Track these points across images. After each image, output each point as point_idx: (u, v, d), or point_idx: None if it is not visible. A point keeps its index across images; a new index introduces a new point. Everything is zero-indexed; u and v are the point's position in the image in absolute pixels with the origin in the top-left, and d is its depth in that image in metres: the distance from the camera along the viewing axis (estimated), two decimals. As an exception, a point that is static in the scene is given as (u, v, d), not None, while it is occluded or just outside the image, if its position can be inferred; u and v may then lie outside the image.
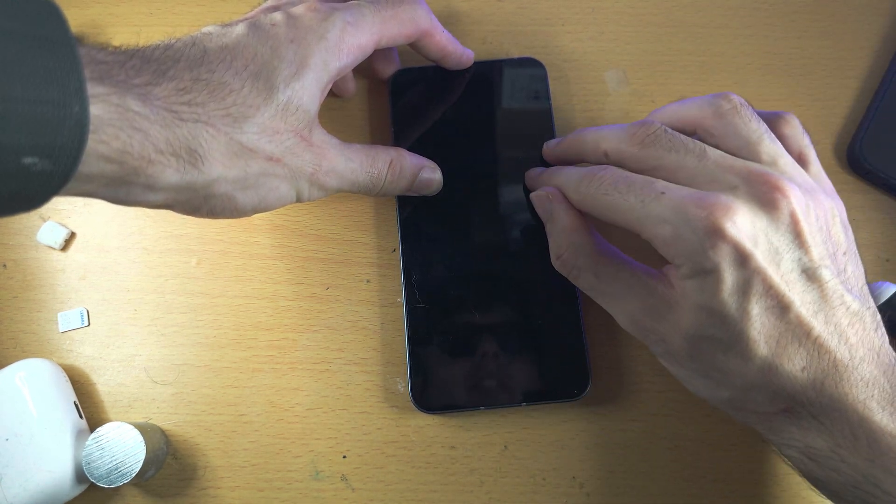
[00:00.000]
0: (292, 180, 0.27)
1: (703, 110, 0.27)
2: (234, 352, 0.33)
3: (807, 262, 0.24)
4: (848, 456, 0.23)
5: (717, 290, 0.24)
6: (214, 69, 0.24)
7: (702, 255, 0.24)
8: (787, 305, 0.23)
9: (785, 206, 0.24)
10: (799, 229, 0.24)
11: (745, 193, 0.24)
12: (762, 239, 0.24)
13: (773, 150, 0.26)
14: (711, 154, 0.26)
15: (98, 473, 0.29)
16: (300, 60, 0.26)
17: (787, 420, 0.25)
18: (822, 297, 0.24)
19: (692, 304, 0.25)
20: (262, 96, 0.25)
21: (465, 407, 0.31)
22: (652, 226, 0.25)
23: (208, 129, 0.23)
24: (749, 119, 0.26)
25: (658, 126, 0.27)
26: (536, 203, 0.31)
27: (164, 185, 0.23)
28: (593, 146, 0.29)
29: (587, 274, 0.28)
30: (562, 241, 0.29)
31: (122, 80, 0.21)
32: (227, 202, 0.26)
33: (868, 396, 0.23)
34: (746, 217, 0.24)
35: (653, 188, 0.25)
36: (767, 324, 0.23)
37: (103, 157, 0.20)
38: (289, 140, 0.26)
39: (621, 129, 0.28)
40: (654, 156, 0.26)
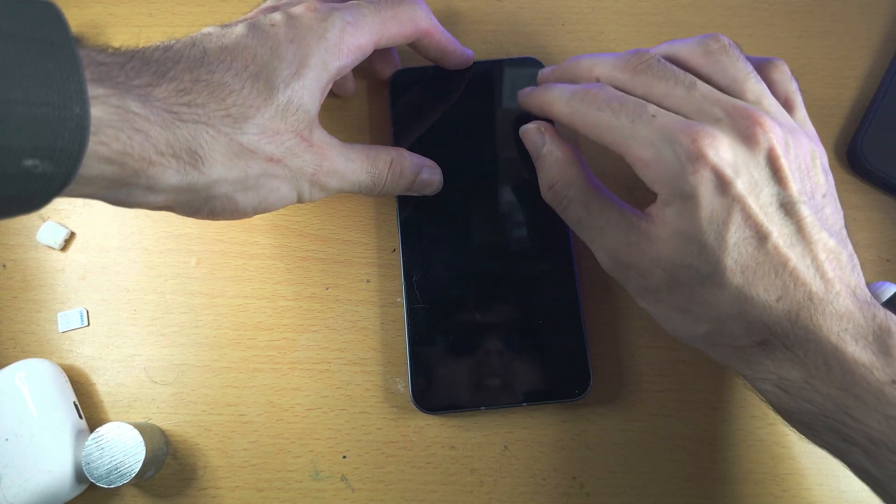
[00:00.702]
0: (293, 181, 0.27)
1: (692, 49, 0.28)
2: (233, 352, 0.33)
3: (785, 197, 0.24)
4: (821, 386, 0.24)
5: (695, 215, 0.24)
6: (214, 70, 0.24)
7: (682, 178, 0.24)
8: (765, 236, 0.24)
9: (764, 140, 0.24)
10: (778, 165, 0.24)
11: (729, 126, 0.25)
12: (743, 170, 0.24)
13: (758, 90, 0.26)
14: (700, 86, 0.26)
15: (98, 473, 0.29)
16: (300, 60, 0.26)
17: (762, 352, 0.25)
18: (799, 230, 0.24)
19: (671, 231, 0.25)
20: (262, 97, 0.25)
21: (466, 407, 0.31)
22: (637, 147, 0.26)
23: (209, 129, 0.23)
24: (737, 59, 0.27)
25: (652, 55, 0.27)
26: (526, 136, 0.31)
27: (165, 186, 0.23)
28: (586, 71, 0.29)
29: (577, 205, 0.29)
30: (555, 172, 0.29)
31: (122, 81, 0.21)
32: (228, 203, 0.26)
33: (842, 329, 0.23)
34: (728, 147, 0.24)
35: (644, 111, 0.26)
36: (745, 253, 0.24)
37: (104, 159, 0.20)
38: (289, 141, 0.26)
39: (616, 55, 0.28)
40: (644, 83, 0.27)
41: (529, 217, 0.33)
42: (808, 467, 0.32)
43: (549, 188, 0.30)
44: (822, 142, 0.36)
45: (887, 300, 0.32)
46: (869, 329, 0.24)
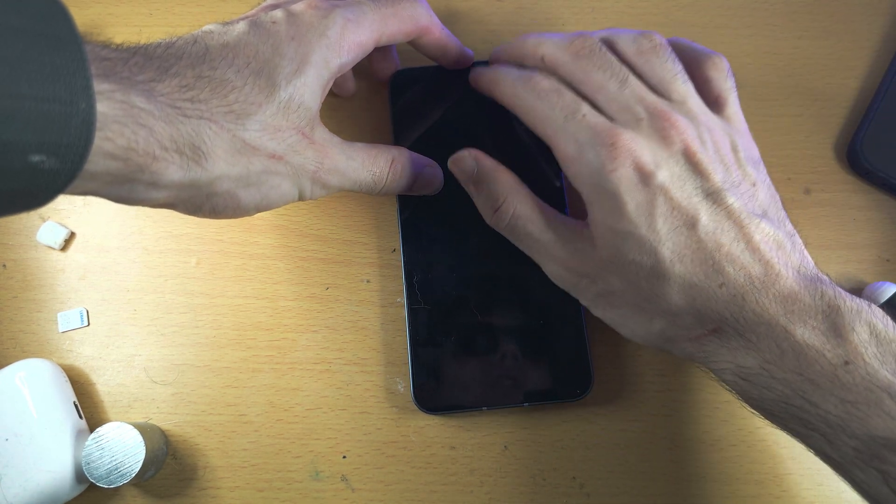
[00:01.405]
0: (294, 178, 0.27)
1: (627, 45, 0.29)
2: (233, 352, 0.33)
3: (709, 188, 0.25)
4: (777, 371, 0.24)
5: (623, 210, 0.25)
6: (216, 66, 0.24)
7: (602, 176, 0.26)
8: (694, 222, 0.25)
9: (678, 140, 0.26)
10: (696, 160, 0.25)
11: (648, 127, 0.26)
12: (663, 165, 0.25)
13: (683, 91, 0.27)
14: (631, 83, 0.27)
15: (98, 474, 0.29)
16: (301, 58, 0.26)
17: (717, 340, 0.25)
18: (728, 216, 0.25)
19: (605, 230, 0.26)
20: (263, 94, 0.25)
21: (468, 407, 0.31)
22: (563, 142, 0.27)
23: (211, 125, 0.23)
24: (665, 60, 0.28)
25: (596, 41, 0.28)
26: (458, 163, 0.31)
27: (168, 182, 0.23)
28: (533, 49, 0.30)
29: (524, 222, 0.29)
30: (500, 191, 0.30)
31: (127, 76, 0.21)
32: (230, 200, 0.26)
33: (789, 311, 0.24)
34: (646, 147, 0.26)
35: (577, 109, 0.27)
36: (679, 242, 0.25)
37: (109, 155, 0.20)
38: (291, 138, 0.26)
39: (562, 37, 0.29)
40: (584, 69, 0.28)
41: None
42: (808, 467, 0.32)
43: (493, 210, 0.30)
44: (821, 142, 0.36)
45: (887, 300, 0.32)
46: (817, 309, 0.24)
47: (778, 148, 0.36)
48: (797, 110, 0.37)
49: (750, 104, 0.37)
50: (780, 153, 0.36)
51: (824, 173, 0.36)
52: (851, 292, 0.34)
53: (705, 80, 0.29)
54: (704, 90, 0.29)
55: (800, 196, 0.36)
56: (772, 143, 0.36)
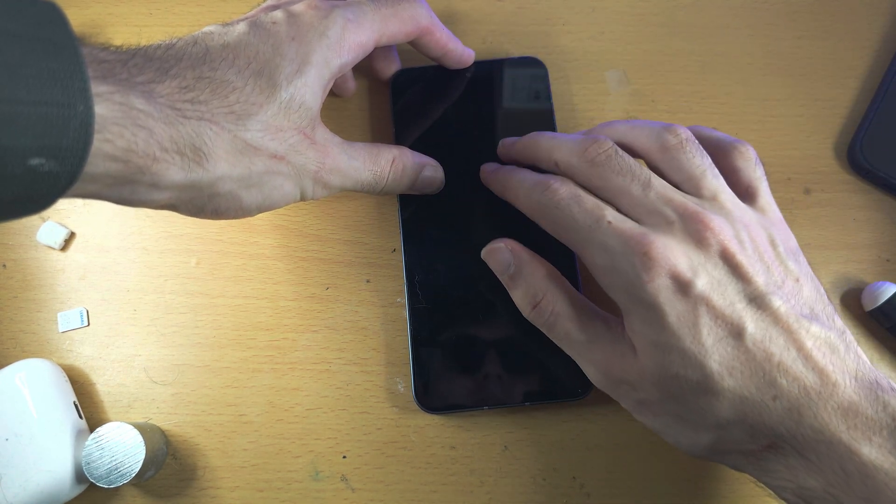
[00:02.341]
0: (296, 178, 0.27)
1: (650, 142, 0.27)
2: (233, 352, 0.33)
3: (752, 292, 0.24)
4: (843, 496, 0.22)
5: (663, 323, 0.24)
6: (217, 67, 0.24)
7: (639, 287, 0.24)
8: (740, 332, 0.23)
9: (715, 241, 0.24)
10: (735, 262, 0.24)
11: (681, 230, 0.25)
12: (701, 271, 0.24)
13: (713, 186, 0.26)
14: (655, 185, 0.26)
15: (98, 474, 0.29)
16: (302, 58, 0.26)
17: (774, 457, 0.23)
18: (776, 322, 0.23)
19: (646, 342, 0.25)
20: (264, 94, 0.25)
21: (469, 407, 0.31)
22: (592, 252, 0.26)
23: (212, 126, 0.23)
24: (693, 155, 0.27)
25: (611, 146, 0.27)
26: (493, 256, 0.30)
27: (169, 183, 0.23)
28: (546, 153, 0.29)
29: (564, 320, 0.28)
30: (538, 287, 0.28)
31: (125, 78, 0.21)
32: (232, 201, 0.25)
33: (851, 426, 0.22)
34: (682, 252, 0.24)
35: (602, 215, 0.26)
36: (726, 354, 0.23)
37: (109, 157, 0.20)
38: (292, 138, 0.26)
39: (575, 141, 0.28)
40: (602, 176, 0.27)
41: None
42: (808, 467, 0.32)
43: (532, 307, 0.28)
44: (822, 142, 0.36)
45: (887, 300, 0.32)
46: (881, 423, 0.22)
47: (778, 148, 0.36)
48: (798, 110, 0.37)
49: (750, 104, 0.37)
50: (780, 153, 0.36)
51: (824, 173, 0.36)
52: (851, 292, 0.34)
53: (733, 171, 0.28)
54: (733, 180, 0.27)
55: (800, 196, 0.36)
56: (772, 142, 0.36)
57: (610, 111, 0.37)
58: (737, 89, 0.37)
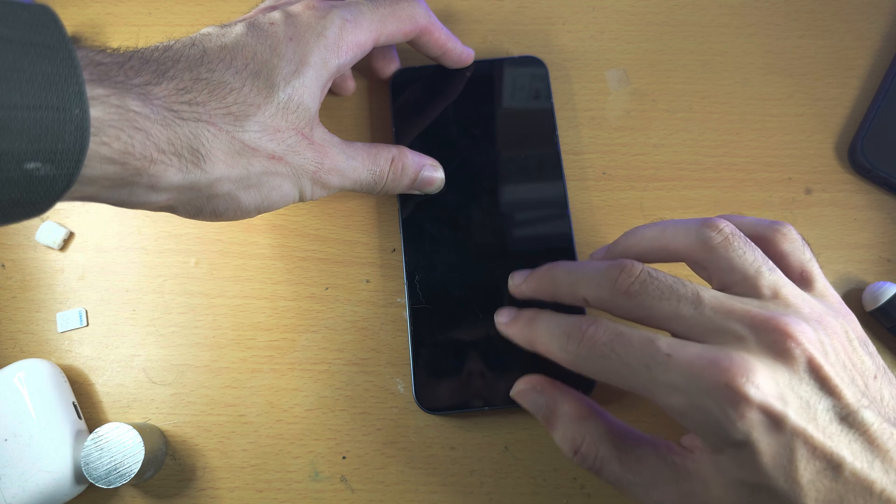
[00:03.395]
0: (295, 179, 0.27)
1: (690, 242, 0.25)
2: (232, 352, 0.33)
3: (842, 409, 0.22)
4: None
5: (756, 462, 0.21)
6: (214, 68, 0.24)
7: (729, 426, 0.21)
8: (839, 463, 0.21)
9: (800, 353, 0.22)
10: (823, 375, 0.22)
11: (756, 344, 0.22)
12: (790, 396, 0.21)
13: (773, 282, 0.24)
14: (707, 299, 0.23)
15: (97, 474, 0.29)
16: (300, 58, 0.26)
17: None
18: (870, 442, 0.21)
19: (731, 480, 0.22)
20: (262, 95, 0.25)
21: (470, 407, 0.31)
22: (664, 395, 0.22)
23: (210, 127, 0.23)
24: (744, 251, 0.24)
25: (641, 269, 0.24)
26: (523, 398, 0.28)
27: (167, 184, 0.23)
28: (570, 291, 0.26)
29: (611, 464, 0.25)
30: (575, 433, 0.26)
31: (122, 80, 0.21)
32: (231, 202, 0.25)
33: None
34: (767, 375, 0.21)
35: (656, 349, 0.22)
36: (823, 489, 0.21)
37: (105, 159, 0.20)
38: (290, 138, 0.26)
39: (599, 272, 0.25)
40: (643, 306, 0.24)
41: (531, 215, 0.33)
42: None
43: (574, 452, 0.26)
44: (823, 141, 0.36)
45: (888, 300, 0.32)
46: None
47: (779, 147, 0.36)
48: (798, 110, 0.37)
49: (751, 104, 0.37)
50: (781, 153, 0.36)
51: (825, 173, 0.36)
52: (852, 293, 0.34)
53: (781, 256, 0.25)
54: (782, 267, 0.25)
55: (801, 196, 0.36)
56: (773, 142, 0.36)
57: (610, 111, 0.37)
58: (737, 88, 0.37)
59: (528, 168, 0.34)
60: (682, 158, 0.36)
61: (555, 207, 0.33)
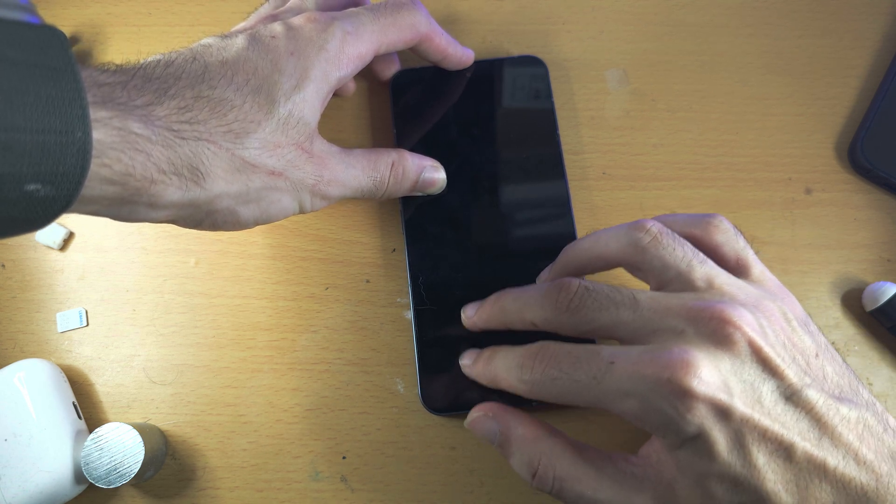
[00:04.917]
0: (294, 192, 0.27)
1: (622, 246, 0.26)
2: (232, 352, 0.33)
3: (786, 389, 0.22)
4: None
5: (713, 452, 0.22)
6: (216, 85, 0.24)
7: (681, 421, 0.22)
8: (790, 445, 0.22)
9: (740, 337, 0.22)
10: (764, 356, 0.22)
11: (695, 335, 0.22)
12: (734, 382, 0.22)
13: (705, 273, 0.24)
14: (643, 300, 0.24)
15: (97, 474, 0.29)
16: (300, 73, 0.26)
17: None
18: (817, 421, 0.22)
19: (694, 476, 0.23)
20: (262, 111, 0.25)
21: None
22: (616, 402, 0.23)
23: (209, 145, 0.23)
24: (673, 248, 0.25)
25: (578, 285, 0.25)
26: (476, 426, 0.28)
27: (167, 202, 0.23)
28: (518, 317, 0.27)
29: (571, 483, 0.25)
30: (531, 455, 0.26)
31: (124, 101, 0.21)
32: (229, 216, 0.26)
33: None
34: (709, 365, 0.22)
35: (599, 359, 0.23)
36: (779, 470, 0.22)
37: (106, 180, 0.20)
38: (290, 154, 0.26)
39: (541, 294, 0.26)
40: (585, 320, 0.25)
41: (534, 215, 0.33)
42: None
43: (531, 475, 0.26)
44: (823, 141, 0.36)
45: (888, 300, 0.32)
46: None
47: (779, 147, 0.36)
48: (798, 110, 0.37)
49: (750, 104, 0.37)
50: (781, 153, 0.36)
51: (825, 173, 0.36)
52: (852, 292, 0.34)
53: (715, 248, 0.26)
54: (717, 258, 0.26)
55: (801, 196, 0.36)
56: (773, 142, 0.36)
57: (610, 111, 0.37)
58: (737, 88, 0.37)
59: (529, 168, 0.34)
60: (682, 158, 0.36)
61: (557, 207, 0.33)
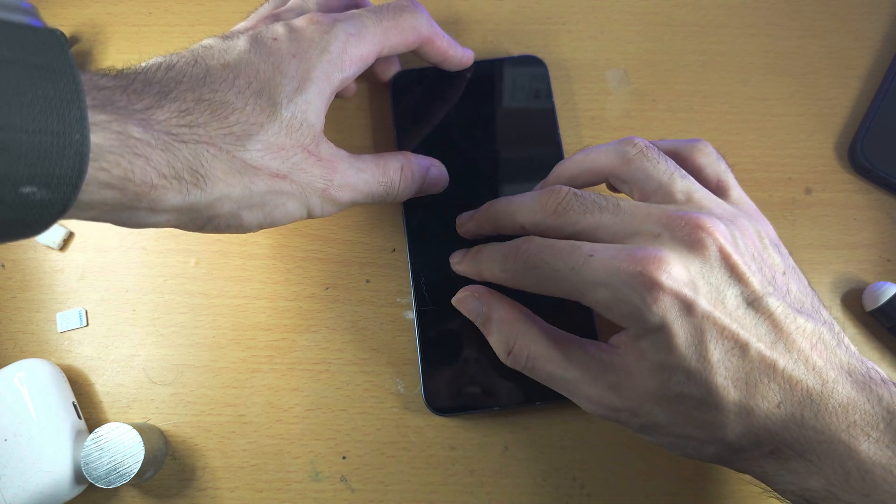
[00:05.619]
0: (301, 197, 0.27)
1: (610, 159, 0.27)
2: (232, 352, 0.33)
3: (749, 294, 0.24)
4: (843, 493, 0.22)
5: (671, 344, 0.23)
6: (217, 89, 0.24)
7: (646, 311, 0.23)
8: (745, 344, 0.23)
9: (711, 243, 0.24)
10: (732, 262, 0.24)
11: (670, 239, 0.24)
12: (701, 282, 0.23)
13: (685, 187, 0.26)
14: (625, 206, 0.25)
15: (97, 474, 0.29)
16: (303, 75, 0.26)
17: (776, 462, 0.24)
18: (774, 326, 0.23)
19: (652, 364, 0.24)
20: (265, 114, 0.25)
21: (479, 408, 0.31)
22: (590, 292, 0.25)
23: (209, 148, 0.23)
24: (657, 161, 0.26)
25: (566, 191, 0.26)
26: (463, 306, 0.30)
27: (168, 207, 0.23)
28: (509, 221, 0.28)
29: (542, 362, 0.27)
30: (508, 335, 0.28)
31: (124, 105, 0.21)
32: (232, 220, 0.25)
33: (850, 424, 0.22)
34: (679, 264, 0.23)
35: (579, 252, 0.25)
36: (731, 366, 0.23)
37: (104, 185, 0.20)
38: (295, 156, 0.26)
39: (532, 199, 0.27)
40: (570, 222, 0.26)
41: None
42: (809, 468, 0.32)
43: (507, 354, 0.28)
44: (823, 141, 0.36)
45: (888, 300, 0.32)
46: (878, 417, 0.22)
47: (779, 147, 0.36)
48: (798, 109, 0.37)
49: (751, 104, 0.37)
50: (781, 153, 0.36)
51: (825, 173, 0.36)
52: (852, 292, 0.34)
53: (698, 169, 0.27)
54: (700, 179, 0.27)
55: (801, 196, 0.36)
56: (773, 142, 0.36)
57: (610, 111, 0.37)
58: (737, 88, 0.37)
59: (530, 167, 0.34)
60: (682, 158, 0.36)
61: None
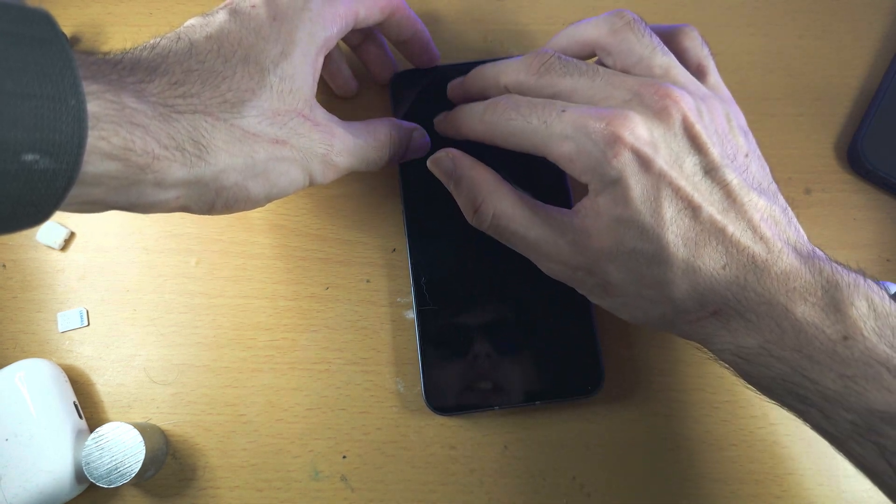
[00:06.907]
0: (303, 162, 0.26)
1: (598, 29, 0.28)
2: (233, 352, 0.33)
3: (708, 164, 0.25)
4: (776, 350, 0.24)
5: (627, 198, 0.24)
6: (204, 59, 0.24)
7: (605, 165, 0.24)
8: (698, 206, 0.24)
9: (676, 111, 0.25)
10: (694, 133, 0.25)
11: (638, 104, 0.25)
12: (661, 144, 0.25)
13: (665, 62, 0.27)
14: (602, 72, 0.27)
15: (97, 474, 0.29)
16: (286, 37, 0.26)
17: (718, 323, 0.25)
18: (728, 195, 0.25)
19: (608, 219, 0.25)
20: (254, 80, 0.25)
21: (480, 407, 0.31)
22: (556, 144, 0.26)
23: (206, 118, 0.23)
24: (642, 34, 0.27)
25: (551, 54, 0.28)
26: (436, 165, 0.30)
27: (174, 180, 0.22)
28: (494, 81, 0.30)
29: (507, 222, 0.28)
30: (475, 194, 0.28)
31: (115, 78, 0.21)
32: (240, 192, 0.25)
33: (790, 289, 0.24)
34: (642, 124, 0.24)
35: (553, 108, 0.26)
36: (683, 226, 0.24)
37: (106, 155, 0.20)
38: (292, 121, 0.26)
39: (518, 60, 0.29)
40: (549, 83, 0.27)
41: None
42: (808, 467, 0.32)
43: (473, 211, 0.28)
44: (822, 141, 0.36)
45: (888, 300, 0.32)
46: (817, 284, 0.24)
47: (779, 147, 0.36)
48: (798, 109, 0.37)
49: (751, 103, 0.37)
50: (780, 152, 0.36)
51: (825, 173, 0.36)
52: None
53: (681, 51, 0.28)
54: (682, 60, 0.28)
55: (800, 195, 0.36)
56: (772, 142, 0.36)
57: (610, 110, 0.37)
58: (737, 88, 0.37)
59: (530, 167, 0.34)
60: (682, 158, 0.36)
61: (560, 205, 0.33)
